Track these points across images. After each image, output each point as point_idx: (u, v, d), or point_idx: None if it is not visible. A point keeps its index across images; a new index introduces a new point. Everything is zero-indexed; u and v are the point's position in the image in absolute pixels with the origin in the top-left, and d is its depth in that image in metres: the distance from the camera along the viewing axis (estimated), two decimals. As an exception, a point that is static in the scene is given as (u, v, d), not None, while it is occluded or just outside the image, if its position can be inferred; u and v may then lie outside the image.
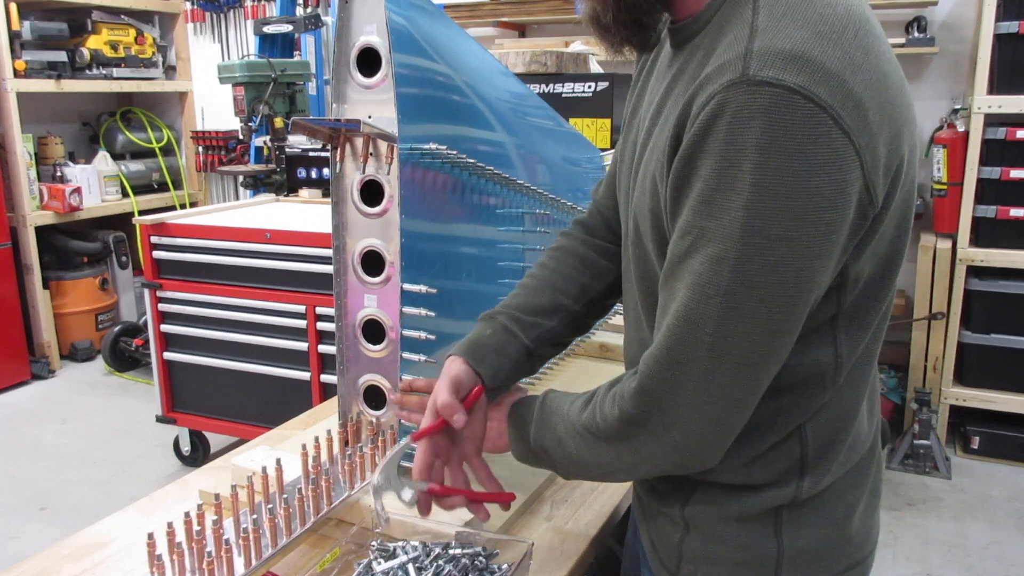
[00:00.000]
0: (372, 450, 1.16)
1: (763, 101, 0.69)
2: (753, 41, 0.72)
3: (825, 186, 0.70)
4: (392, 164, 1.14)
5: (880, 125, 0.73)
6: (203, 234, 2.92)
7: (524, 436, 0.96)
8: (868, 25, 0.76)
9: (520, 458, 0.99)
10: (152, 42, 5.05)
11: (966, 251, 3.22)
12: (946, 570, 2.59)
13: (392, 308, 1.19)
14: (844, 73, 0.71)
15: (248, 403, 2.98)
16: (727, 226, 0.72)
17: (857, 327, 0.83)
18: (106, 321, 4.72)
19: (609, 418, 0.85)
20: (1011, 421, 3.28)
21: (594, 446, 0.88)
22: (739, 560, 0.89)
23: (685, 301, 0.76)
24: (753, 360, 0.75)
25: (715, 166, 0.72)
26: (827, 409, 0.86)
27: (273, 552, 0.97)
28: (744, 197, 0.70)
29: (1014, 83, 3.07)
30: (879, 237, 0.79)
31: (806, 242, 0.71)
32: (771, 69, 0.69)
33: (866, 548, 0.94)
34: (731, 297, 0.73)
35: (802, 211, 0.70)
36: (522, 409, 0.99)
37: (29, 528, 2.89)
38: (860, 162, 0.71)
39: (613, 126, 2.45)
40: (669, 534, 0.94)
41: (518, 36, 4.42)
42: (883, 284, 0.84)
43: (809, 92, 0.69)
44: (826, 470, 0.87)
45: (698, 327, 0.75)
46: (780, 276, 0.72)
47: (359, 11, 1.13)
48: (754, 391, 0.78)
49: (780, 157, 0.69)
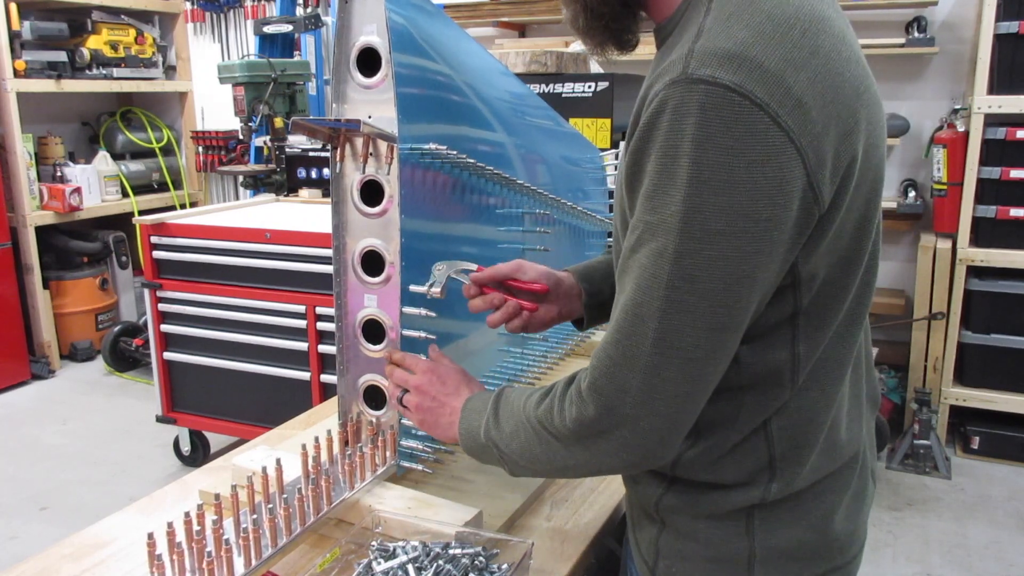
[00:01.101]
0: (372, 450, 1.16)
1: (699, 98, 0.71)
2: (697, 41, 0.74)
3: (763, 182, 0.71)
4: (392, 164, 1.14)
5: (826, 124, 0.74)
6: (203, 234, 2.91)
7: (474, 430, 0.97)
8: (820, 24, 0.76)
9: (468, 451, 1.00)
10: (152, 42, 5.05)
11: (966, 251, 3.22)
12: (946, 570, 2.59)
13: (392, 308, 1.19)
14: (784, 72, 0.72)
15: (248, 403, 2.98)
16: (668, 220, 0.73)
17: (817, 327, 0.84)
18: (106, 321, 4.72)
19: (567, 419, 0.85)
20: (1011, 421, 3.28)
21: (547, 443, 0.88)
22: (711, 557, 0.90)
23: (631, 294, 0.77)
24: (698, 355, 0.76)
25: (657, 161, 0.74)
26: (792, 410, 0.86)
27: (273, 552, 0.97)
28: (682, 192, 0.72)
29: (1014, 83, 3.07)
30: (833, 237, 0.79)
31: (745, 238, 0.72)
32: (708, 68, 0.71)
33: (849, 552, 0.94)
34: (672, 291, 0.74)
35: (739, 207, 0.71)
36: (475, 403, 1.00)
37: (29, 528, 2.89)
38: (802, 160, 0.72)
39: (613, 126, 2.45)
40: (648, 529, 0.96)
41: (518, 36, 4.42)
42: (844, 284, 0.84)
43: (745, 90, 0.70)
44: (795, 473, 0.88)
45: (643, 321, 0.76)
46: (720, 271, 0.73)
47: (359, 11, 1.13)
48: (701, 386, 0.78)
49: (716, 152, 0.71)
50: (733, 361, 0.82)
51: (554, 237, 1.61)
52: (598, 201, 1.90)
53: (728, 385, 0.83)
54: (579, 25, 0.92)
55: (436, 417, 1.05)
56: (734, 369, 0.83)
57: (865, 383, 0.97)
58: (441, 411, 1.04)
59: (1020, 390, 3.23)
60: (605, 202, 1.95)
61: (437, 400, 1.05)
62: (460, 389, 1.05)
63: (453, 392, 1.05)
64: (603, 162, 1.96)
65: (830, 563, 0.92)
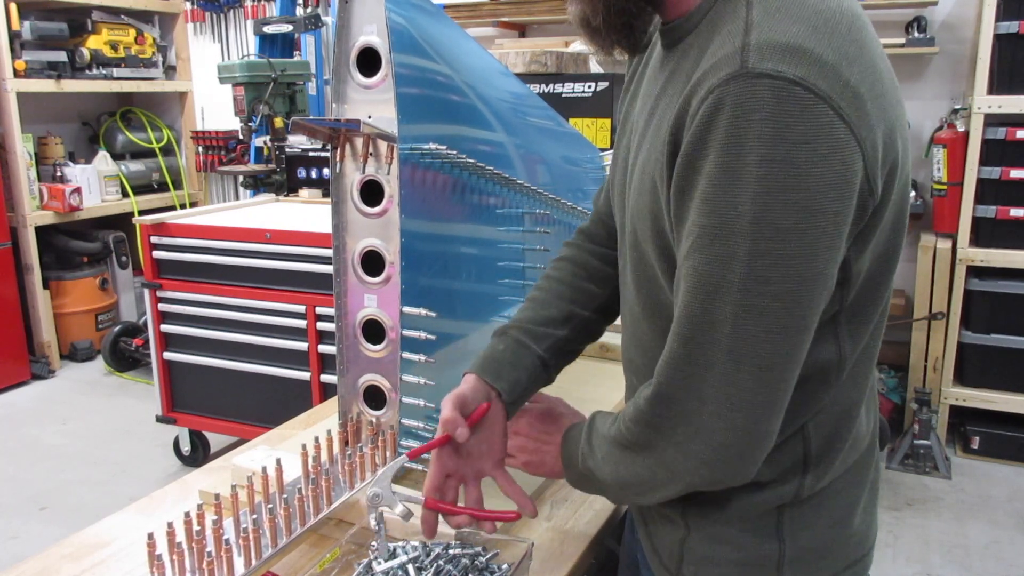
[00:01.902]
0: (372, 450, 1.16)
1: (764, 93, 0.68)
2: (749, 35, 0.72)
3: (831, 176, 0.70)
4: (392, 164, 1.14)
5: (877, 118, 0.73)
6: (203, 234, 2.91)
7: (573, 460, 0.96)
8: (860, 21, 0.76)
9: (573, 483, 0.98)
10: (152, 42, 5.05)
11: (966, 251, 3.22)
12: (946, 570, 2.59)
13: (392, 308, 1.19)
14: (841, 65, 0.71)
15: (248, 403, 2.98)
16: (736, 222, 0.70)
17: (859, 323, 0.83)
18: (106, 321, 4.72)
19: (631, 425, 0.84)
20: (1011, 421, 3.27)
21: (624, 459, 0.86)
22: (741, 560, 0.89)
23: (697, 302, 0.74)
24: (775, 360, 0.73)
25: (719, 161, 0.71)
26: (829, 406, 0.85)
27: (273, 552, 0.97)
28: (751, 191, 0.69)
29: (1014, 83, 3.07)
30: (879, 232, 0.78)
31: (817, 234, 0.70)
32: (770, 61, 0.69)
33: (866, 545, 0.94)
34: (745, 294, 0.71)
35: (810, 202, 0.69)
36: (573, 432, 0.98)
37: (29, 528, 2.89)
38: (862, 152, 0.71)
39: (613, 126, 2.45)
40: (670, 535, 0.94)
41: (518, 36, 4.42)
42: (882, 280, 0.83)
43: (809, 83, 0.69)
44: (828, 467, 0.87)
45: (714, 328, 0.73)
46: (794, 270, 0.71)
47: (359, 11, 1.13)
48: (782, 394, 0.76)
49: (785, 148, 0.68)
50: None
51: (554, 237, 1.61)
52: (598, 201, 1.90)
53: None
54: (595, 24, 0.87)
55: (541, 456, 1.02)
56: None
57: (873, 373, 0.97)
58: (545, 450, 1.02)
59: (1020, 390, 3.23)
60: (605, 202, 1.95)
61: (539, 440, 1.03)
62: (560, 422, 1.03)
63: (553, 428, 1.03)
64: (603, 162, 1.96)
65: (850, 557, 0.92)
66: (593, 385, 1.58)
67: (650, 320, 0.91)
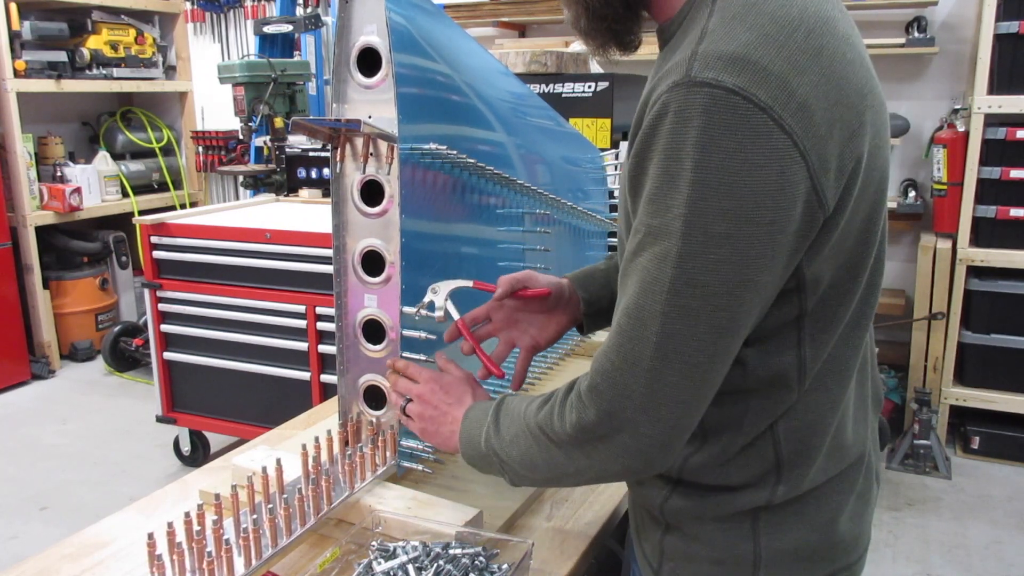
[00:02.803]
0: (372, 450, 1.16)
1: (702, 101, 0.70)
2: (700, 44, 0.74)
3: (766, 186, 0.71)
4: (392, 164, 1.14)
5: (830, 127, 0.74)
6: (203, 234, 2.91)
7: (475, 438, 0.97)
8: (824, 26, 0.76)
9: (469, 460, 1.00)
10: (152, 42, 5.05)
11: (966, 251, 3.22)
12: (946, 570, 2.59)
13: (392, 308, 1.19)
14: (788, 75, 0.71)
15: (248, 403, 2.98)
16: (670, 223, 0.73)
17: (822, 331, 0.84)
18: (106, 321, 4.72)
19: (567, 423, 0.84)
20: (1011, 421, 3.27)
21: (547, 449, 0.88)
22: (716, 559, 0.90)
23: (633, 298, 0.77)
24: (700, 359, 0.75)
25: (660, 164, 0.73)
26: (799, 413, 0.86)
27: (273, 552, 0.97)
28: (685, 195, 0.72)
29: (1014, 83, 3.07)
30: (838, 240, 0.79)
31: (748, 241, 0.72)
32: (711, 71, 0.71)
33: (854, 554, 0.95)
34: (674, 295, 0.74)
35: (742, 210, 0.71)
36: (476, 411, 1.00)
37: (29, 528, 2.89)
38: (806, 163, 0.72)
39: (613, 126, 2.45)
40: (652, 531, 0.95)
41: (518, 36, 4.42)
42: (849, 288, 0.84)
43: (748, 93, 0.70)
44: (802, 475, 0.87)
45: (645, 325, 0.75)
46: (723, 275, 0.73)
47: (359, 11, 1.13)
48: (703, 391, 0.78)
49: (719, 155, 0.70)
50: (739, 365, 0.82)
51: (554, 237, 1.61)
52: (598, 201, 1.90)
53: (734, 388, 0.83)
54: (581, 26, 0.92)
55: (437, 426, 1.04)
56: (740, 373, 0.82)
57: (870, 384, 0.97)
58: (443, 420, 1.04)
59: (1020, 390, 3.23)
60: (605, 202, 1.95)
61: (439, 409, 1.04)
62: (463, 398, 1.04)
63: (455, 401, 1.04)
64: (603, 162, 1.96)
65: (835, 564, 0.92)
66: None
67: None
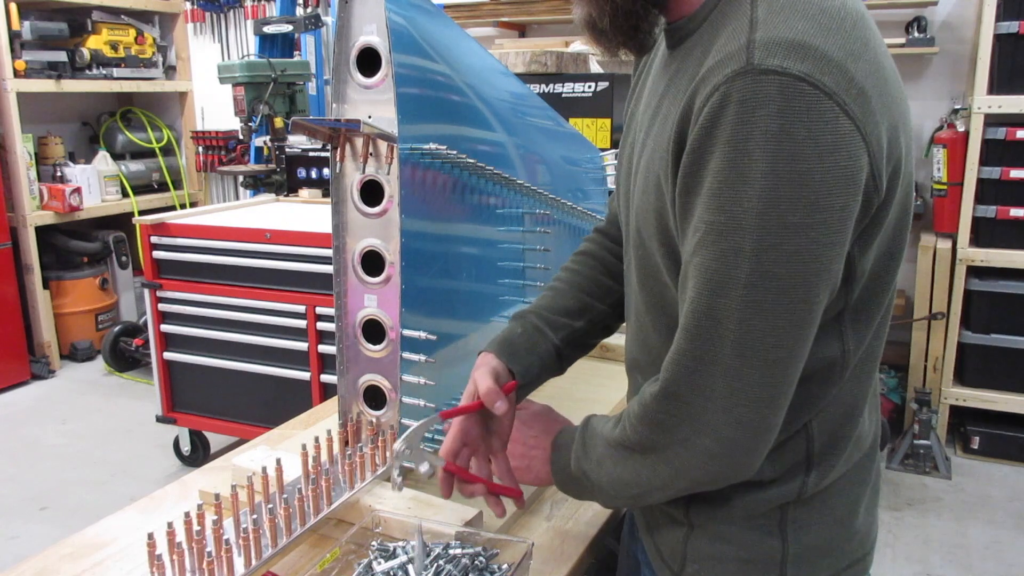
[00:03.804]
0: (372, 450, 1.16)
1: (770, 89, 0.69)
2: (755, 32, 0.72)
3: (836, 171, 0.70)
4: (392, 164, 1.14)
5: (882, 115, 0.74)
6: (203, 234, 2.91)
7: (565, 463, 0.95)
8: (864, 20, 0.77)
9: (562, 487, 0.98)
10: (152, 42, 5.05)
11: (966, 251, 3.22)
12: (946, 570, 2.59)
13: (392, 308, 1.19)
14: (846, 62, 0.71)
15: (248, 403, 2.98)
16: (742, 217, 0.71)
17: (862, 321, 0.83)
18: (106, 321, 4.72)
19: (637, 425, 0.83)
20: (1011, 421, 3.27)
21: (628, 461, 0.86)
22: (744, 558, 0.89)
23: (703, 298, 0.74)
24: (780, 355, 0.74)
25: (725, 157, 0.71)
26: (833, 404, 0.86)
27: (273, 552, 0.97)
28: (758, 186, 0.70)
29: (1014, 83, 3.07)
30: (884, 229, 0.79)
31: (822, 229, 0.71)
32: (775, 58, 0.69)
33: (867, 544, 0.95)
34: (751, 290, 0.72)
35: (816, 197, 0.70)
36: (564, 437, 0.98)
37: (29, 528, 2.89)
38: (867, 148, 0.72)
39: (613, 126, 2.45)
40: (673, 533, 0.94)
41: (518, 36, 4.42)
42: (886, 279, 0.84)
43: (815, 79, 0.69)
44: (831, 466, 0.87)
45: (720, 324, 0.73)
46: (800, 265, 0.71)
47: (359, 11, 1.13)
48: (786, 388, 0.76)
49: (791, 144, 0.69)
50: None
51: (554, 237, 1.61)
52: (598, 201, 1.90)
53: None
54: (601, 26, 0.87)
55: (528, 461, 1.01)
56: None
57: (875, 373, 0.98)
58: (533, 455, 1.01)
59: (1020, 390, 3.23)
60: (605, 202, 1.95)
61: (527, 444, 1.02)
62: (549, 427, 1.01)
63: (541, 432, 1.01)
64: (603, 162, 1.96)
65: (852, 556, 0.92)
66: (594, 385, 1.58)
67: (654, 318, 0.91)
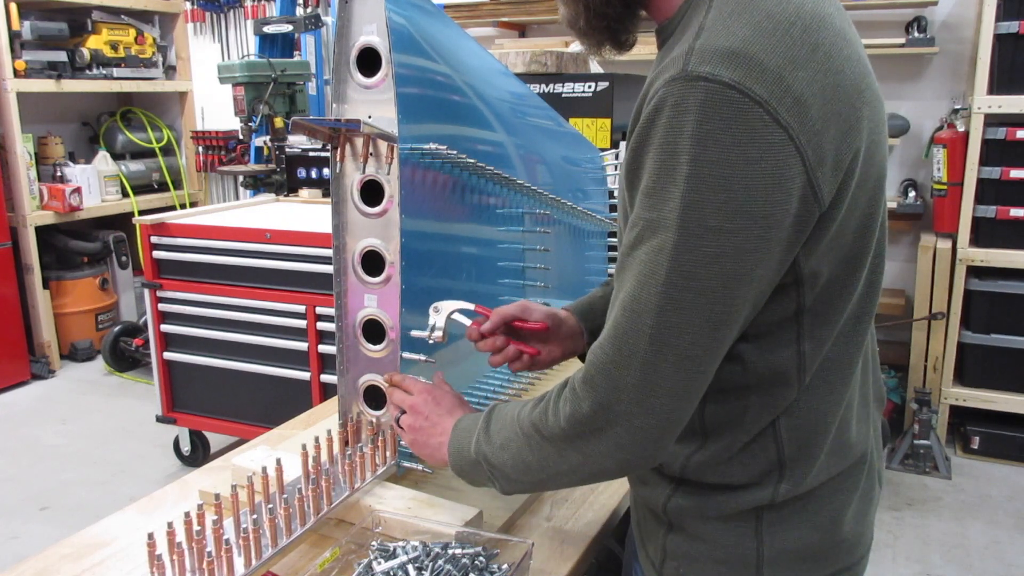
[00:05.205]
0: (372, 450, 1.16)
1: (698, 95, 0.71)
2: (698, 39, 0.74)
3: (761, 180, 0.71)
4: (392, 164, 1.14)
5: (826, 122, 0.74)
6: (203, 234, 2.91)
7: (464, 445, 0.97)
8: (820, 22, 0.77)
9: (458, 471, 1.00)
10: (152, 42, 5.05)
11: (966, 251, 3.22)
12: (946, 570, 2.59)
13: (392, 308, 1.19)
14: (784, 70, 0.72)
15: (248, 403, 2.98)
16: (667, 217, 0.73)
17: (821, 326, 0.84)
18: (106, 321, 4.72)
19: (561, 417, 0.84)
20: (1011, 421, 3.27)
21: (539, 447, 0.88)
22: (720, 558, 0.90)
23: (629, 291, 0.77)
24: (694, 352, 0.76)
25: (656, 158, 0.74)
26: (801, 410, 0.86)
27: (273, 552, 0.97)
28: (681, 188, 0.72)
29: (1014, 83, 3.07)
30: (835, 235, 0.79)
31: (743, 235, 0.73)
32: (707, 65, 0.71)
33: (856, 553, 0.95)
34: (670, 287, 0.74)
35: (738, 204, 0.72)
36: (466, 421, 1.00)
37: (29, 528, 2.89)
38: (801, 158, 0.72)
39: (613, 126, 2.45)
40: (654, 531, 0.95)
41: (518, 36, 4.42)
42: (848, 283, 0.84)
43: (744, 87, 0.70)
44: (804, 473, 0.87)
45: (640, 317, 0.76)
46: (718, 268, 0.73)
47: (359, 11, 1.13)
48: (697, 384, 0.78)
49: (715, 150, 0.71)
50: (739, 361, 0.82)
51: (554, 237, 1.61)
52: (598, 201, 1.90)
53: (735, 385, 0.83)
54: (579, 26, 0.92)
55: (427, 437, 1.04)
56: (740, 369, 0.83)
57: (872, 383, 0.97)
58: (433, 431, 1.04)
59: (1020, 390, 3.23)
60: (605, 202, 1.95)
61: (430, 420, 1.05)
62: (453, 410, 1.05)
63: (446, 413, 1.05)
64: (603, 162, 1.96)
65: (838, 564, 0.92)
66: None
67: None
